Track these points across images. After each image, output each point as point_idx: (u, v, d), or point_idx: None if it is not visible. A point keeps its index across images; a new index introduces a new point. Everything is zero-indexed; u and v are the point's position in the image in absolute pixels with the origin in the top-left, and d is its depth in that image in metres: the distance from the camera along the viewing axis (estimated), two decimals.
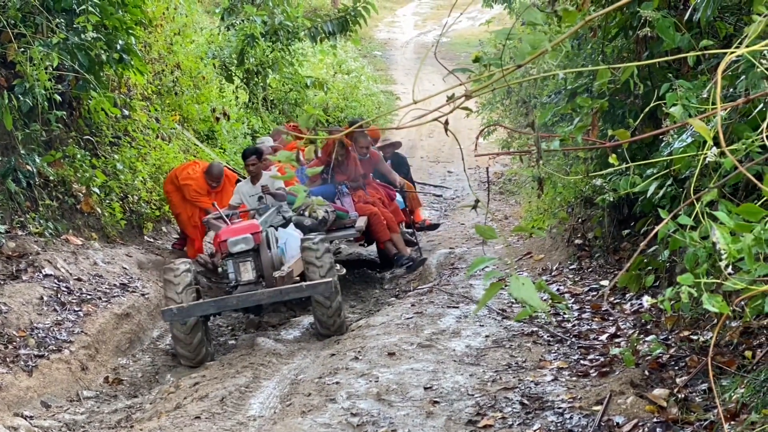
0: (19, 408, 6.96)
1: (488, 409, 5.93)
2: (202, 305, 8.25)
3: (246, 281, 8.74)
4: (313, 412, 6.07)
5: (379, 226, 11.63)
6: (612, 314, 7.83)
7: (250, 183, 10.93)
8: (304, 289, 8.43)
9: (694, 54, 3.24)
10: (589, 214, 9.92)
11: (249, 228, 8.87)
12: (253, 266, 8.78)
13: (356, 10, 17.52)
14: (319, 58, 24.83)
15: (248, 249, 8.74)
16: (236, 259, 8.75)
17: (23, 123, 9.77)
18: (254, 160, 10.76)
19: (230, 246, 8.67)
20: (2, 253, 8.87)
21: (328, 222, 11.05)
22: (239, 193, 10.89)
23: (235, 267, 8.75)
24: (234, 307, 8.66)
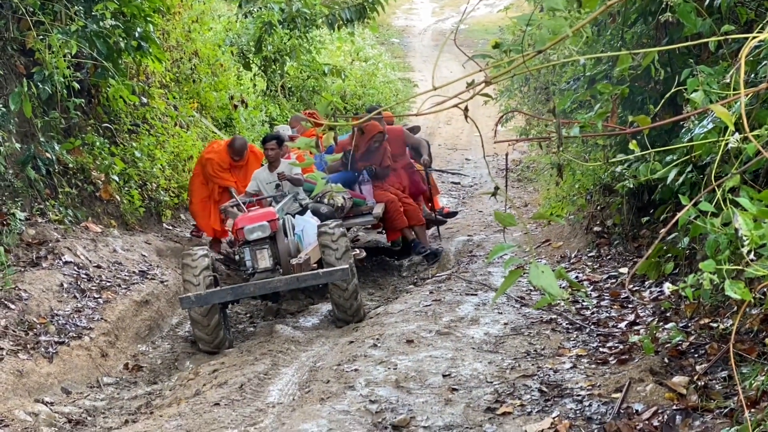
0: (40, 394, 7.00)
1: (507, 396, 5.93)
2: (219, 292, 8.23)
3: (263, 269, 8.72)
4: (331, 399, 6.08)
5: (396, 213, 11.49)
6: (631, 301, 7.80)
7: (267, 170, 10.78)
8: (321, 275, 8.37)
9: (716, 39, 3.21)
10: (607, 201, 9.88)
11: (265, 215, 8.86)
12: (269, 254, 8.77)
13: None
14: (337, 45, 24.81)
15: (265, 236, 8.74)
16: (253, 246, 8.75)
17: (42, 111, 9.81)
18: (274, 145, 10.60)
19: (247, 234, 8.68)
20: (23, 240, 8.91)
21: (345, 209, 10.98)
22: (256, 179, 10.75)
23: (252, 254, 8.75)
24: (251, 294, 8.57)
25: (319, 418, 5.68)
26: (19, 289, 8.05)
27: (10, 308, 7.72)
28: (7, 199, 9.01)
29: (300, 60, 18.83)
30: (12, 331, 7.47)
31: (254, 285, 8.39)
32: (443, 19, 40.55)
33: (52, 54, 9.20)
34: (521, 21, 2.80)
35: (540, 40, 2.68)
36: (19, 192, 9.26)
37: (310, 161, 2.85)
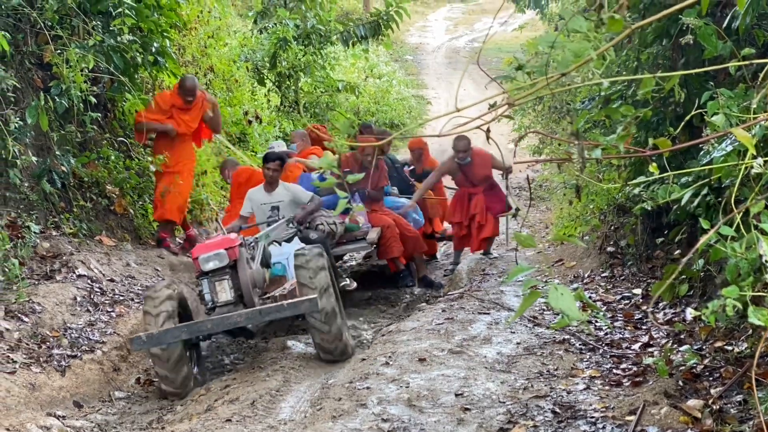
0: (52, 408, 6.99)
1: (520, 416, 5.88)
2: (173, 331, 7.32)
3: (223, 302, 7.85)
4: (343, 416, 6.05)
5: (391, 239, 10.86)
6: (645, 323, 7.77)
7: (263, 190, 10.07)
8: (285, 308, 7.49)
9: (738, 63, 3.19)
10: (621, 222, 9.85)
11: (222, 243, 7.94)
12: (230, 285, 7.87)
13: (388, 14, 17.51)
14: (351, 61, 24.88)
15: (223, 266, 7.83)
16: (211, 277, 7.85)
17: (59, 124, 9.84)
18: (276, 166, 9.95)
19: (202, 264, 7.79)
20: (37, 253, 8.92)
21: (336, 234, 10.30)
22: (251, 201, 10.07)
23: (210, 287, 7.86)
24: (209, 331, 7.61)
25: None
26: (33, 302, 8.05)
27: (23, 321, 7.72)
28: (22, 211, 9.03)
29: (314, 76, 18.88)
30: (25, 344, 7.47)
31: (212, 321, 7.50)
32: (457, 36, 40.62)
33: (70, 68, 9.23)
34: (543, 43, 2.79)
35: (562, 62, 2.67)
36: (34, 205, 9.28)
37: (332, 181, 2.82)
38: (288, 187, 10.04)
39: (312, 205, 9.94)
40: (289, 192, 9.98)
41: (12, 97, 8.94)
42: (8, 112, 8.71)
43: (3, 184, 8.90)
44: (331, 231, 10.08)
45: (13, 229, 8.68)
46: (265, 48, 17.85)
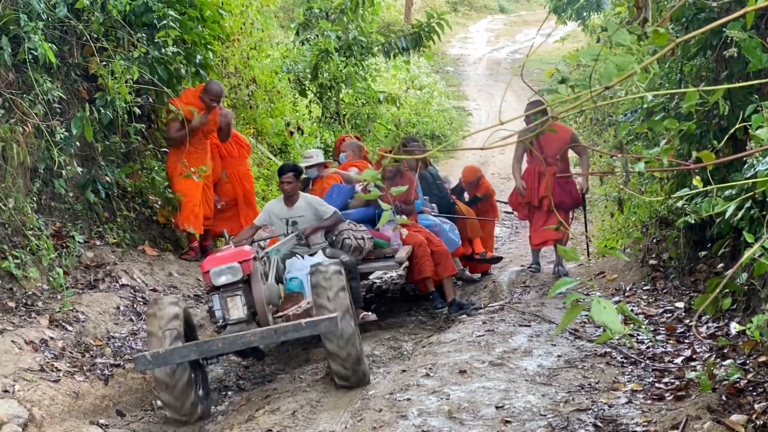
0: (95, 416, 7.06)
1: (561, 430, 5.86)
2: (181, 350, 6.72)
3: (235, 320, 7.27)
4: (384, 428, 6.06)
5: (422, 259, 10.14)
6: (687, 337, 7.71)
7: (282, 203, 9.47)
8: (303, 327, 6.83)
9: None
10: (664, 235, 9.79)
11: (236, 255, 7.37)
12: (243, 301, 7.30)
13: (430, 26, 17.53)
14: (392, 73, 24.92)
15: (236, 281, 7.29)
16: (223, 293, 7.30)
17: (103, 135, 9.96)
18: (291, 178, 9.31)
19: (213, 278, 7.23)
20: (81, 262, 9.03)
21: (363, 251, 9.70)
22: (269, 213, 9.51)
23: (221, 303, 7.30)
24: (220, 351, 7.01)
25: None
26: (77, 311, 8.15)
27: (67, 330, 7.81)
28: (67, 221, 9.15)
29: (355, 87, 18.92)
30: (69, 353, 7.56)
31: (223, 340, 6.89)
32: (498, 48, 40.56)
33: (115, 80, 9.35)
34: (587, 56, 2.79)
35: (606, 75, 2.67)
36: (79, 215, 9.40)
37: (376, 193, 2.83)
38: (309, 201, 9.52)
39: (327, 222, 9.43)
40: (310, 206, 9.45)
41: (58, 108, 9.07)
42: (54, 123, 8.84)
43: (49, 194, 9.03)
44: (359, 246, 9.61)
45: (58, 239, 8.80)
46: (306, 59, 17.92)
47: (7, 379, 6.66)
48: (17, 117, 8.36)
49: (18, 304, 7.86)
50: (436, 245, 10.34)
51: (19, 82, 8.63)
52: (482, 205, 12.46)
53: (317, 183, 10.87)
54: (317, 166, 10.95)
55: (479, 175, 12.59)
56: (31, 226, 8.34)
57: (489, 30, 45.65)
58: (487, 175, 19.52)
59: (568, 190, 10.79)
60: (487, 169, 20.72)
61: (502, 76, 33.28)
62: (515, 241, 14.95)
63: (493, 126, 2.56)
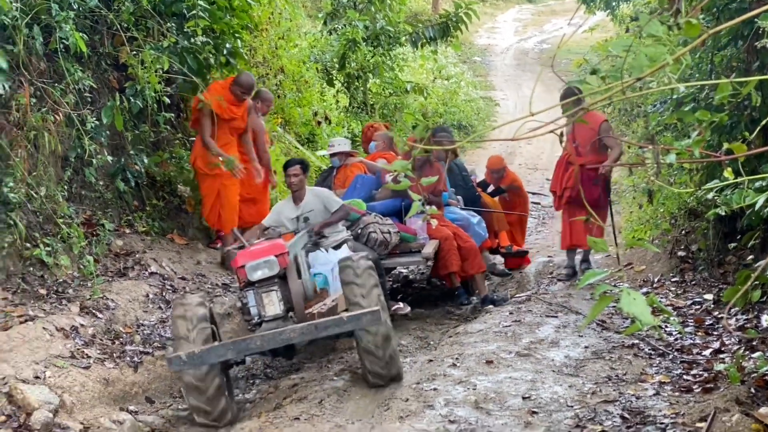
0: (125, 402, 7.12)
1: (588, 421, 5.87)
2: (218, 349, 6.48)
3: (272, 316, 6.97)
4: (410, 417, 6.08)
5: (449, 253, 9.90)
6: (716, 329, 7.67)
7: (291, 202, 9.09)
8: (346, 321, 6.52)
9: None
10: (693, 226, 9.73)
11: (272, 248, 7.08)
12: (279, 297, 7.00)
13: (458, 15, 17.47)
14: (420, 63, 24.86)
15: (272, 275, 6.98)
16: (258, 288, 7.00)
17: (133, 124, 10.02)
18: (297, 171, 8.91)
19: (249, 273, 6.91)
20: (111, 250, 9.10)
21: (389, 245, 9.48)
22: (278, 214, 9.09)
23: (257, 299, 7.00)
24: (259, 349, 6.70)
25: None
26: (107, 298, 8.21)
27: (97, 317, 7.88)
28: (97, 209, 9.22)
29: (383, 77, 18.91)
30: (99, 340, 7.63)
31: (261, 337, 6.60)
32: (526, 38, 40.37)
33: (144, 69, 9.40)
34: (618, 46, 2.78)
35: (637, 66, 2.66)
36: (109, 203, 9.47)
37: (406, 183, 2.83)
38: (317, 193, 9.16)
39: (335, 216, 9.00)
40: (318, 198, 9.05)
41: (89, 97, 9.13)
42: (85, 112, 8.90)
43: (79, 182, 9.10)
44: (385, 240, 9.39)
45: (88, 227, 8.87)
46: (334, 49, 17.93)
47: (39, 366, 6.73)
48: (49, 106, 8.42)
49: (49, 292, 7.93)
50: (464, 241, 10.10)
51: (51, 72, 8.69)
52: (511, 197, 12.13)
53: (341, 172, 10.80)
54: (341, 155, 10.86)
55: (504, 165, 12.29)
56: (62, 214, 8.41)
57: (517, 20, 45.43)
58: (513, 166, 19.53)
59: (596, 189, 10.00)
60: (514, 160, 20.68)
61: (529, 67, 33.15)
62: (542, 232, 14.92)
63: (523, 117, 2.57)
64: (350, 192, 10.30)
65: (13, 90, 8.02)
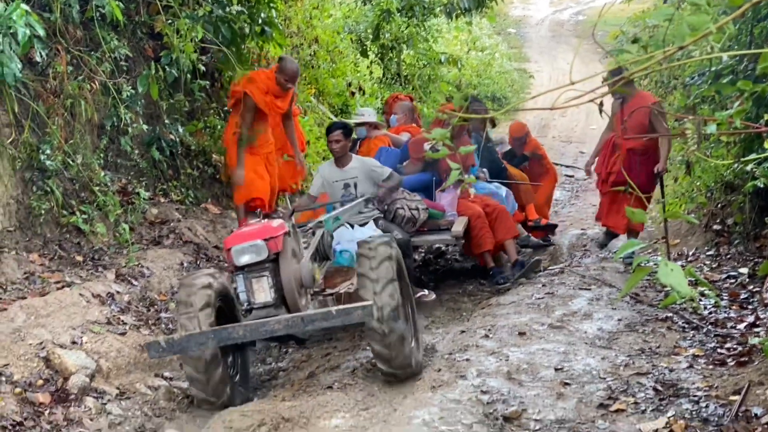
0: (160, 369, 7.18)
1: (620, 393, 5.86)
2: (198, 337, 6.03)
3: (261, 303, 6.46)
4: (443, 387, 6.10)
5: (481, 231, 9.47)
6: (751, 303, 7.63)
7: (334, 165, 8.87)
8: (334, 315, 5.96)
9: None
10: (729, 200, 9.65)
11: (261, 232, 6.53)
12: (270, 283, 6.47)
13: None
14: (454, 34, 24.77)
15: (261, 260, 6.45)
16: (248, 273, 6.49)
17: (168, 93, 10.05)
18: (339, 136, 8.69)
19: (235, 257, 6.44)
20: (146, 219, 9.17)
21: (417, 221, 9.10)
22: (322, 176, 8.86)
23: (246, 284, 6.49)
24: (241, 339, 6.16)
25: (430, 406, 5.70)
26: (142, 266, 8.29)
27: (133, 284, 7.95)
28: (132, 178, 9.29)
29: (417, 48, 18.86)
30: (135, 307, 7.70)
31: (244, 327, 6.09)
32: (561, 9, 40.04)
33: (180, 38, 9.41)
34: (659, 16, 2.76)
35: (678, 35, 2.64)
36: (144, 172, 9.53)
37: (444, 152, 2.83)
38: (362, 161, 8.92)
39: (392, 183, 8.79)
40: (364, 166, 8.82)
41: (124, 65, 9.16)
42: (121, 81, 8.94)
43: (115, 150, 9.16)
44: (412, 217, 9.02)
45: (124, 195, 8.94)
46: (368, 20, 17.90)
47: (76, 331, 6.81)
48: (85, 74, 8.47)
49: (85, 259, 8.02)
50: (493, 208, 9.74)
51: (87, 40, 8.73)
52: (533, 166, 11.96)
53: (364, 144, 10.57)
54: (368, 126, 10.65)
55: (526, 131, 12.06)
56: (98, 182, 8.48)
57: None
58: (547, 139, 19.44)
59: (643, 173, 9.32)
60: (547, 132, 20.61)
61: (564, 39, 32.89)
62: (575, 205, 14.85)
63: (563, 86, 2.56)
64: None
65: (50, 58, 8.08)
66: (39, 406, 5.95)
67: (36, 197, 7.75)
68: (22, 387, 6.00)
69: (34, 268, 7.51)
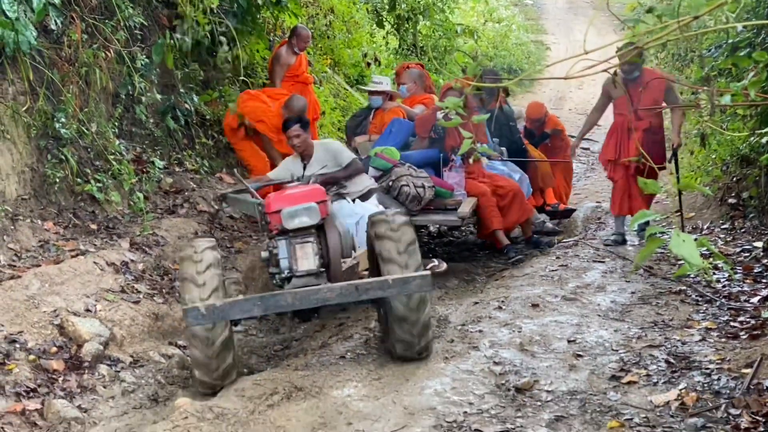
0: (173, 337, 7.21)
1: (632, 365, 5.85)
2: (242, 304, 5.73)
3: (305, 271, 6.13)
4: (456, 358, 6.11)
5: (488, 211, 9.21)
6: (765, 276, 7.60)
7: (299, 161, 8.26)
8: (391, 285, 5.66)
9: None
10: (744, 173, 9.60)
11: (312, 194, 6.26)
12: (315, 250, 6.16)
13: None
14: (471, 5, 24.65)
15: (312, 225, 6.16)
16: (293, 239, 6.15)
17: (183, 62, 10.03)
18: (297, 131, 8.02)
19: (285, 219, 6.09)
20: (161, 188, 9.19)
21: (423, 200, 8.80)
22: (286, 170, 8.31)
23: (290, 250, 6.15)
24: (290, 307, 5.81)
25: (443, 376, 5.71)
26: (157, 234, 8.31)
27: (147, 253, 7.98)
28: (147, 147, 9.30)
29: (433, 19, 18.77)
30: (149, 276, 7.73)
31: (293, 294, 5.74)
32: None
33: (193, 7, 9.38)
34: None
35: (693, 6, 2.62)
36: (159, 141, 9.54)
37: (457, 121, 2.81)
38: (326, 147, 8.34)
39: (342, 172, 8.17)
40: (329, 153, 8.24)
41: (139, 34, 9.15)
42: (135, 49, 8.93)
43: (129, 119, 9.16)
44: (417, 195, 8.73)
45: (138, 164, 8.95)
46: None
47: (90, 299, 6.84)
48: (100, 42, 8.46)
49: (100, 227, 8.05)
50: (504, 188, 9.44)
51: (102, 8, 8.71)
52: (554, 142, 11.80)
53: (378, 115, 10.32)
54: (384, 95, 10.38)
55: (545, 111, 11.79)
56: (113, 151, 8.49)
57: None
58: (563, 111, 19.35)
59: (656, 151, 8.99)
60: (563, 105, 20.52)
61: (582, 11, 32.67)
62: (590, 177, 14.81)
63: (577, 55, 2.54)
64: (384, 137, 9.75)
65: (65, 26, 8.07)
66: (53, 373, 5.99)
67: (51, 165, 7.77)
68: (37, 354, 6.03)
69: (49, 236, 7.54)
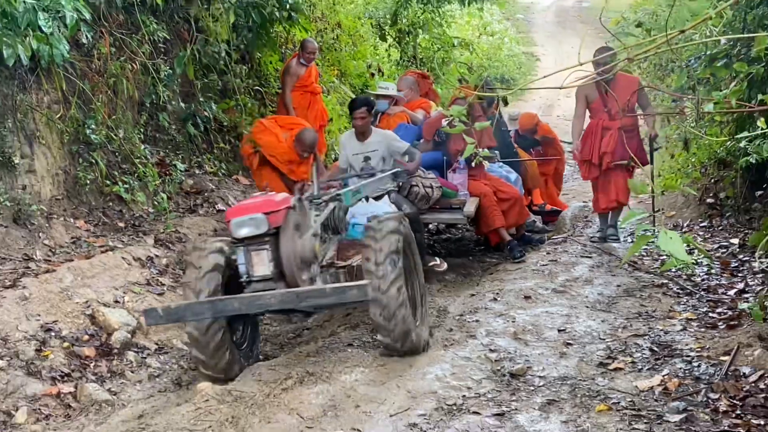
0: None
1: (619, 353, 5.86)
2: (194, 307, 5.68)
3: (260, 276, 5.95)
4: (454, 346, 6.11)
5: (490, 210, 9.04)
6: (741, 271, 7.60)
7: (354, 138, 8.37)
8: (328, 293, 5.65)
9: None
10: (722, 175, 9.61)
11: (263, 205, 5.98)
12: (270, 257, 5.94)
13: None
14: (466, 19, 24.64)
15: (260, 234, 5.90)
16: (248, 246, 5.94)
17: (202, 73, 10.06)
18: (363, 113, 8.19)
19: (234, 229, 5.90)
20: (182, 189, 9.21)
21: (431, 199, 8.63)
22: (343, 148, 8.43)
23: (246, 256, 5.95)
24: (236, 311, 5.73)
25: (443, 363, 5.71)
26: (179, 232, 8.34)
27: (170, 249, 8.00)
28: (170, 151, 9.33)
29: (431, 33, 18.77)
30: (172, 270, 7.74)
31: (239, 299, 5.69)
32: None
33: (214, 22, 9.40)
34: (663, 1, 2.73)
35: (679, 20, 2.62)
36: (180, 146, 9.57)
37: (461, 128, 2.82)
38: (384, 134, 8.42)
39: (414, 163, 8.25)
40: (385, 139, 8.31)
41: (162, 47, 9.17)
42: (159, 61, 8.95)
43: (154, 126, 9.20)
44: (426, 195, 8.55)
45: (162, 167, 8.97)
46: (387, 6, 17.83)
47: (118, 291, 6.87)
48: (126, 55, 8.48)
49: (127, 225, 8.08)
50: (505, 192, 9.30)
51: (129, 24, 8.73)
52: (546, 149, 11.65)
53: (384, 119, 10.09)
54: (390, 99, 10.25)
55: (536, 121, 11.66)
56: (139, 155, 8.52)
57: None
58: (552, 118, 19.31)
59: (633, 146, 8.79)
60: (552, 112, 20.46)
61: (569, 24, 32.63)
62: (578, 179, 14.76)
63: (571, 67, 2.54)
64: None
65: (95, 40, 8.10)
66: (85, 359, 6.03)
67: (82, 168, 7.82)
68: (70, 342, 6.07)
69: (81, 233, 7.58)
